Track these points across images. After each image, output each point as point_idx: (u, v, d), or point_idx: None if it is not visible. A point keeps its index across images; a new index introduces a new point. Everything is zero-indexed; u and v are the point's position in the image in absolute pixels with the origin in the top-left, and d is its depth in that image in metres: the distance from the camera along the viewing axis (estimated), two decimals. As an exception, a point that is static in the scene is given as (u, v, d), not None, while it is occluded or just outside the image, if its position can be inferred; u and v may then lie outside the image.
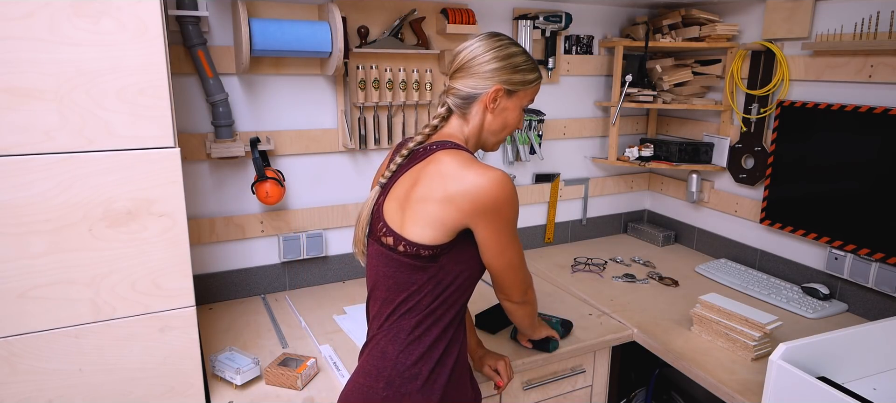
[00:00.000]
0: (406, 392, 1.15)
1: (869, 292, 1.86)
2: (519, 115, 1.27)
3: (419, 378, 1.16)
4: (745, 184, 2.24)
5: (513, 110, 1.25)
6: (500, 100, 1.22)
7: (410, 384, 1.16)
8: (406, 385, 1.16)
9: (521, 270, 1.26)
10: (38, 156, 1.13)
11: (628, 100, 2.34)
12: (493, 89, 1.20)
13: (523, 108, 1.27)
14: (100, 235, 1.21)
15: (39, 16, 1.08)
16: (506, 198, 1.13)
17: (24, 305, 1.18)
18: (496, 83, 1.20)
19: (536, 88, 1.27)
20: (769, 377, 1.28)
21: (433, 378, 1.17)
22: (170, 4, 1.65)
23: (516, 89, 1.23)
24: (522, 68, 1.22)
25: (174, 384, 1.35)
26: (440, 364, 1.18)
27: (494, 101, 1.22)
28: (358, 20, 1.94)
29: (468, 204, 1.11)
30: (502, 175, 1.13)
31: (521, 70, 1.22)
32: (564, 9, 2.28)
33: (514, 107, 1.25)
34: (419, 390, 1.15)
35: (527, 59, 1.24)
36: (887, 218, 1.75)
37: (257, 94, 1.87)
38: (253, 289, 2.00)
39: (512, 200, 1.15)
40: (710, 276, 2.19)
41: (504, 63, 1.21)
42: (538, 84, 1.27)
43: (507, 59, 1.21)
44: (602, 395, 1.86)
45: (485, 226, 1.14)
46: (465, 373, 1.26)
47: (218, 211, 1.90)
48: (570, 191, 2.55)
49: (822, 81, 1.94)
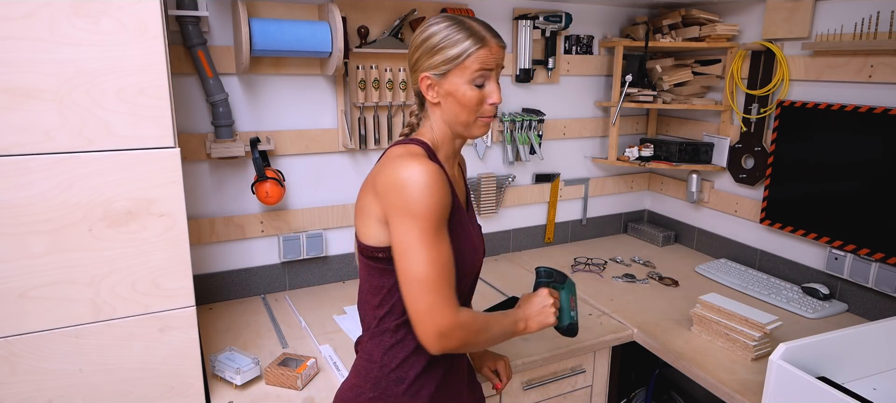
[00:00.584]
0: (391, 395, 1.14)
1: (869, 292, 1.86)
2: (469, 92, 1.10)
3: (405, 381, 1.14)
4: (745, 184, 2.24)
5: (457, 89, 1.10)
6: (434, 87, 1.12)
7: (396, 387, 1.14)
8: (391, 388, 1.14)
9: (426, 292, 1.01)
10: (38, 156, 1.13)
11: (628, 100, 2.34)
12: (420, 80, 1.13)
13: (474, 81, 1.10)
14: (100, 235, 1.21)
15: (39, 16, 1.08)
16: (417, 191, 1.01)
17: (24, 305, 1.18)
18: (421, 73, 1.13)
19: (475, 57, 1.09)
20: (769, 377, 1.28)
21: (420, 384, 1.15)
22: (170, 4, 1.65)
23: (446, 69, 1.10)
24: (441, 46, 1.09)
25: (174, 384, 1.35)
26: (428, 371, 1.16)
27: (430, 91, 1.13)
28: (358, 20, 1.94)
29: (383, 193, 1.05)
30: (423, 167, 1.02)
31: (441, 49, 1.09)
32: (564, 9, 2.28)
33: (456, 87, 1.10)
34: (404, 393, 1.14)
35: (447, 34, 1.09)
36: (887, 219, 1.75)
37: (257, 94, 1.87)
38: (253, 289, 2.00)
39: (423, 195, 1.01)
40: (710, 276, 2.19)
41: (421, 50, 1.12)
42: (474, 52, 1.08)
43: (422, 44, 1.12)
44: (602, 395, 1.86)
45: (392, 221, 1.04)
46: (461, 381, 1.25)
47: (218, 211, 1.90)
48: (570, 191, 2.55)
49: (822, 81, 1.94)
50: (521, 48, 2.23)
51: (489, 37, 1.10)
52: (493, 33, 1.12)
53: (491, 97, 1.13)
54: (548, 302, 1.24)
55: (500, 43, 1.12)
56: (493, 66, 1.12)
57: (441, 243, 1.04)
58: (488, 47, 1.10)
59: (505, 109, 2.31)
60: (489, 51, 1.10)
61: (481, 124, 1.15)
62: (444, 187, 1.04)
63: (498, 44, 1.12)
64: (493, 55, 1.11)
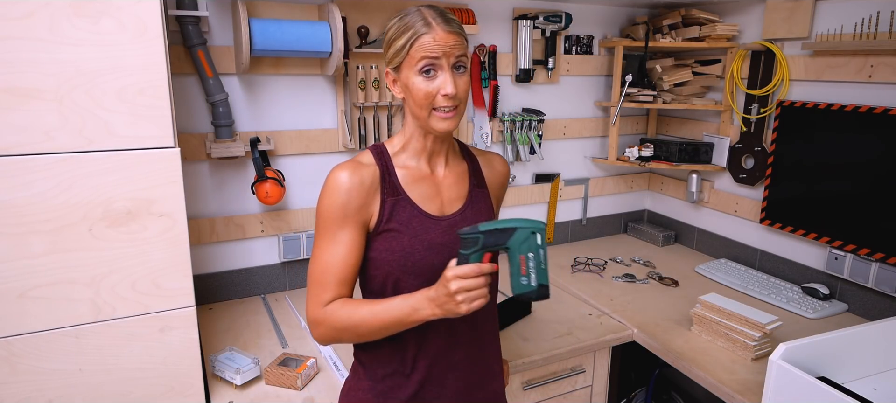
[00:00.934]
0: (381, 392, 1.17)
1: (869, 292, 1.86)
2: (419, 84, 1.07)
3: (387, 377, 1.17)
4: (745, 184, 2.24)
5: (408, 81, 1.08)
6: (396, 82, 1.12)
7: (386, 382, 1.17)
8: (380, 383, 1.18)
9: (308, 286, 1.11)
10: (38, 156, 1.13)
11: (628, 100, 2.34)
12: (386, 76, 1.15)
13: (421, 71, 1.06)
14: (100, 235, 1.21)
15: (39, 16, 1.08)
16: (321, 193, 1.10)
17: (24, 305, 1.18)
18: (386, 69, 1.14)
19: (418, 45, 1.05)
20: (769, 377, 1.28)
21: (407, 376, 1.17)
22: (170, 4, 1.65)
23: (398, 62, 1.09)
24: (393, 38, 1.09)
25: (174, 384, 1.35)
26: (415, 366, 1.17)
27: (394, 86, 1.13)
28: (358, 20, 1.94)
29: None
30: (335, 172, 1.09)
31: (393, 40, 1.09)
32: (564, 9, 2.28)
33: (407, 79, 1.08)
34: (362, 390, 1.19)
35: (398, 25, 1.08)
36: (887, 219, 1.75)
37: (257, 94, 1.87)
38: (253, 289, 2.00)
39: (322, 198, 1.09)
40: (710, 276, 2.19)
41: (384, 46, 1.13)
42: (416, 40, 1.05)
43: (385, 38, 1.12)
44: (602, 395, 1.86)
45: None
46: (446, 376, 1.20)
47: (218, 211, 1.90)
48: (570, 191, 2.55)
49: (822, 81, 1.94)
50: (521, 48, 2.23)
51: (436, 23, 1.05)
52: (443, 19, 1.06)
53: (443, 88, 1.06)
54: (463, 286, 0.98)
55: (450, 28, 1.06)
56: (439, 53, 1.04)
57: (327, 243, 1.09)
58: (432, 33, 1.04)
59: (505, 109, 2.31)
60: (433, 37, 1.04)
61: (438, 118, 1.08)
62: (341, 193, 1.07)
63: (446, 30, 1.05)
64: (437, 42, 1.04)
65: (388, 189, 1.13)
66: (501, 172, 1.30)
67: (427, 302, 1.02)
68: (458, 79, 1.07)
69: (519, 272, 1.01)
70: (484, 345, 1.24)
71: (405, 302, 1.04)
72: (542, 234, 1.00)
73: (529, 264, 1.01)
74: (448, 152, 1.22)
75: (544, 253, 1.01)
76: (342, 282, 1.11)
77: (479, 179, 1.25)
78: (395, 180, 1.14)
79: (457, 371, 1.19)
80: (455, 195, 1.20)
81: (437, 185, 1.19)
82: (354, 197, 1.09)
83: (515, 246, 1.00)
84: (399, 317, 1.05)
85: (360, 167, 1.12)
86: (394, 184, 1.14)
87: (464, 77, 1.09)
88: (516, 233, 0.99)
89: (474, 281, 0.97)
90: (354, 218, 1.10)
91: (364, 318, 1.07)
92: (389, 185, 1.13)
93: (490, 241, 1.00)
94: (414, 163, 1.17)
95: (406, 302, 1.04)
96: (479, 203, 1.23)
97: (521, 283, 1.01)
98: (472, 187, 1.23)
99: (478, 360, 1.22)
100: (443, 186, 1.19)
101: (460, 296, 0.97)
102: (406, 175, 1.16)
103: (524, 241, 1.00)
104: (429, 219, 1.15)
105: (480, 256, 1.00)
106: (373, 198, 1.12)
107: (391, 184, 1.14)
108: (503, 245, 1.00)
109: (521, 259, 1.00)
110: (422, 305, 1.02)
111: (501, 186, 1.32)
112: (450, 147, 1.22)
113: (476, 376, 1.23)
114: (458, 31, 1.07)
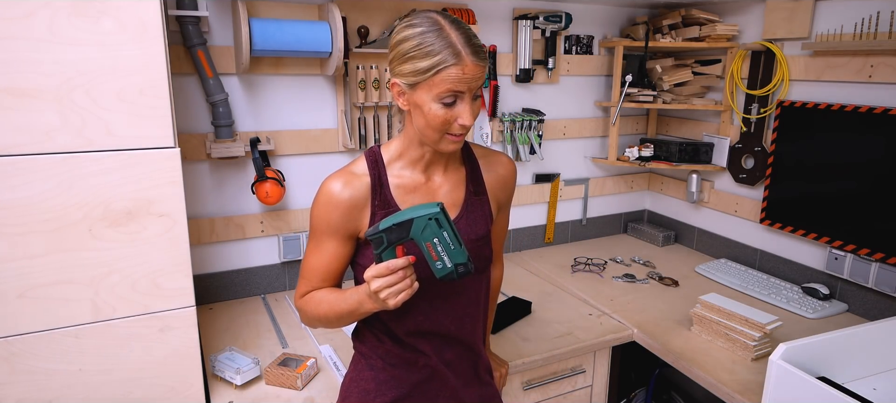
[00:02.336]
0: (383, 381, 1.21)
1: (869, 292, 1.86)
2: (437, 111, 1.02)
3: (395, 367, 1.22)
4: (745, 184, 2.24)
5: (424, 105, 1.02)
6: (404, 95, 1.05)
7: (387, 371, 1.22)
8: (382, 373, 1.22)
9: (299, 275, 1.21)
10: (38, 156, 1.13)
11: (628, 100, 2.34)
12: (390, 85, 1.07)
13: (442, 100, 1.01)
14: (100, 235, 1.20)
15: (39, 16, 1.08)
16: (315, 200, 1.14)
17: (24, 305, 1.18)
18: (392, 78, 1.06)
19: (445, 75, 0.99)
20: (769, 377, 1.28)
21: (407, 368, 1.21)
22: (170, 4, 1.65)
23: (415, 81, 1.02)
24: (411, 55, 1.00)
25: (174, 384, 1.35)
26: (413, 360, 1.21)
27: (400, 98, 1.07)
28: (358, 20, 1.94)
29: None
30: (325, 183, 1.12)
31: (411, 58, 1.01)
32: (564, 9, 2.28)
33: (423, 102, 1.02)
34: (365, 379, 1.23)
35: (419, 42, 0.99)
36: (887, 219, 1.75)
37: (257, 94, 1.87)
38: (253, 289, 2.00)
39: (315, 205, 1.13)
40: (710, 276, 2.19)
41: (393, 54, 1.04)
42: (443, 69, 0.99)
43: (395, 47, 1.04)
44: (602, 395, 1.86)
45: None
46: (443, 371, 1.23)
47: (218, 211, 1.90)
48: (570, 191, 2.55)
49: (822, 81, 1.94)
50: (521, 48, 2.23)
51: (466, 53, 0.99)
52: (472, 49, 1.00)
53: (460, 118, 1.03)
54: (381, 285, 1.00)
55: (478, 61, 1.01)
56: (465, 88, 1.01)
57: (315, 247, 1.15)
58: (462, 65, 0.99)
59: (505, 109, 2.31)
60: (462, 70, 0.99)
61: (449, 142, 1.07)
62: (329, 207, 1.11)
63: (475, 62, 1.00)
64: (466, 75, 0.99)
65: (379, 200, 1.13)
66: (504, 175, 1.26)
67: (367, 298, 1.06)
68: (474, 106, 1.05)
69: (431, 259, 1.03)
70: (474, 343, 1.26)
71: (354, 295, 1.10)
72: (441, 216, 0.99)
73: (438, 249, 1.01)
74: (448, 159, 1.20)
75: (450, 234, 1.01)
76: (323, 282, 1.18)
77: (478, 185, 1.22)
78: (387, 192, 1.14)
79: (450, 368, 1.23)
80: (450, 203, 1.18)
81: (433, 194, 1.18)
82: (341, 213, 1.12)
83: (418, 236, 1.01)
84: (350, 310, 1.11)
85: (352, 178, 1.12)
86: (385, 196, 1.13)
87: (478, 101, 1.08)
88: (414, 224, 1.00)
89: (392, 278, 1.00)
90: (340, 233, 1.13)
91: (326, 312, 1.15)
92: (381, 197, 1.13)
93: (393, 237, 1.01)
94: (408, 173, 1.16)
95: (353, 297, 1.10)
96: (475, 212, 1.20)
97: (437, 268, 1.03)
98: (468, 195, 1.20)
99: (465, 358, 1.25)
100: (438, 195, 1.18)
101: (383, 293, 1.01)
102: (399, 185, 1.15)
103: (424, 229, 1.00)
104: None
105: (393, 252, 1.02)
106: (362, 211, 1.13)
107: (383, 195, 1.13)
108: (407, 238, 1.01)
109: (428, 246, 1.02)
110: (364, 299, 1.07)
111: (505, 188, 1.28)
112: (451, 153, 1.19)
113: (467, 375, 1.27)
114: (484, 62, 1.03)
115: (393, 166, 1.16)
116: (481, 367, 1.30)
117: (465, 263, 1.03)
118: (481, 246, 1.19)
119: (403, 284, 1.01)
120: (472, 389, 1.28)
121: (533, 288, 2.09)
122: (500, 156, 1.27)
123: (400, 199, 1.14)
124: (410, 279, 1.03)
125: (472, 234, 1.18)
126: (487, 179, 1.24)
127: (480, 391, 1.30)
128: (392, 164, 1.16)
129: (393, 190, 1.14)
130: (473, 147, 1.26)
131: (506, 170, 1.27)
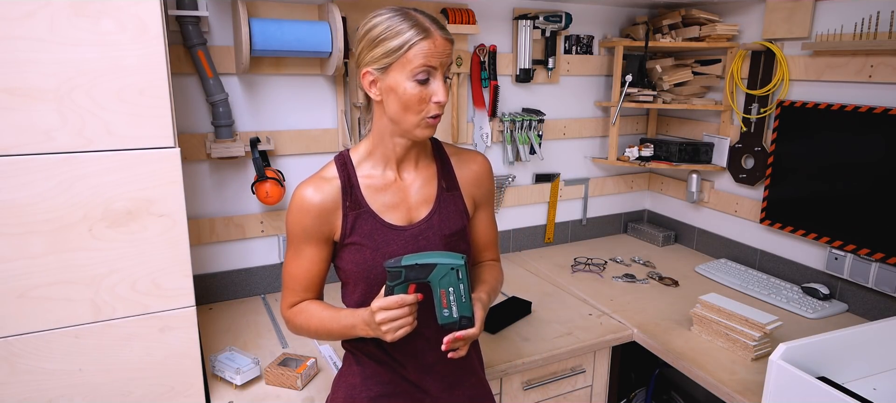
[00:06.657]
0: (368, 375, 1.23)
1: (869, 292, 1.86)
2: (411, 89, 1.06)
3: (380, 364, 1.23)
4: (745, 184, 2.24)
5: (399, 85, 1.06)
6: (377, 83, 1.09)
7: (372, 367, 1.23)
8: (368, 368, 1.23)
9: (282, 286, 1.23)
10: (38, 156, 1.13)
11: (628, 100, 2.34)
12: (362, 76, 1.10)
13: (416, 77, 1.05)
14: (100, 235, 1.20)
15: (39, 16, 1.08)
16: (289, 207, 1.16)
17: (24, 305, 1.18)
18: (363, 68, 1.09)
19: (418, 49, 1.04)
20: (769, 377, 1.28)
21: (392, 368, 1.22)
22: (170, 4, 1.65)
23: (387, 63, 1.06)
24: (382, 37, 1.05)
25: (174, 384, 1.35)
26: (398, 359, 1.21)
27: (373, 88, 1.10)
28: (358, 20, 1.92)
29: None
30: (298, 190, 1.14)
31: (382, 40, 1.05)
32: (564, 9, 2.28)
33: (398, 83, 1.06)
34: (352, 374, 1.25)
35: (389, 25, 1.05)
36: (887, 218, 1.75)
37: (257, 94, 1.87)
38: (253, 289, 2.00)
39: (289, 212, 1.15)
40: (710, 276, 2.19)
41: (363, 43, 1.08)
42: (415, 43, 1.03)
43: (365, 36, 1.08)
44: (602, 395, 1.86)
45: None
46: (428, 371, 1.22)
47: (218, 211, 1.90)
48: (570, 191, 2.55)
49: (822, 81, 1.94)
50: (521, 48, 2.23)
51: (434, 29, 1.05)
52: (439, 26, 1.06)
53: (436, 95, 1.07)
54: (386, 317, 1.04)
55: (445, 36, 1.06)
56: (437, 62, 1.06)
57: (293, 254, 1.18)
58: (432, 39, 1.04)
59: (505, 109, 2.31)
60: (433, 43, 1.04)
61: (426, 126, 1.10)
62: (302, 213, 1.13)
63: (443, 37, 1.06)
64: (437, 49, 1.05)
65: (350, 202, 1.14)
66: (477, 170, 1.26)
67: (362, 324, 1.10)
68: (446, 86, 1.09)
69: (441, 305, 1.06)
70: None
71: (347, 319, 1.13)
72: (463, 270, 1.03)
73: (450, 298, 1.05)
74: (419, 155, 1.20)
75: (465, 287, 1.05)
76: (307, 289, 1.20)
77: (450, 181, 1.23)
78: (358, 193, 1.15)
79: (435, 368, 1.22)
80: (422, 199, 1.19)
81: (404, 192, 1.18)
82: (314, 217, 1.14)
83: (436, 281, 1.04)
84: (341, 331, 1.15)
85: (323, 183, 1.14)
86: (356, 197, 1.15)
87: (449, 83, 1.12)
88: (436, 269, 1.03)
89: (398, 312, 1.04)
90: (315, 237, 1.16)
91: (317, 327, 1.18)
92: (352, 198, 1.15)
93: (411, 275, 1.04)
94: (379, 172, 1.17)
95: (347, 321, 1.13)
96: (448, 206, 1.21)
97: (443, 315, 1.06)
98: (440, 190, 1.21)
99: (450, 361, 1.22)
100: (410, 192, 1.19)
101: (384, 327, 1.04)
102: (369, 185, 1.16)
103: (444, 276, 1.04)
104: (392, 231, 1.16)
105: (405, 288, 1.05)
106: (335, 214, 1.15)
107: (353, 197, 1.15)
108: (424, 279, 1.04)
109: (441, 293, 1.05)
110: (358, 325, 1.11)
111: (479, 184, 1.27)
112: (421, 149, 1.21)
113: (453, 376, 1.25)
114: (451, 38, 1.09)
115: (362, 166, 1.17)
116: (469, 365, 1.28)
117: (470, 318, 1.07)
118: (457, 240, 1.20)
119: (405, 321, 1.05)
120: (459, 390, 1.26)
121: (533, 288, 2.09)
122: (473, 153, 1.29)
123: (370, 199, 1.16)
124: (412, 317, 1.06)
125: (446, 229, 1.19)
126: (460, 175, 1.25)
127: (469, 391, 1.28)
128: (361, 165, 1.17)
129: (363, 190, 1.16)
130: (445, 145, 1.27)
131: (479, 165, 1.27)
